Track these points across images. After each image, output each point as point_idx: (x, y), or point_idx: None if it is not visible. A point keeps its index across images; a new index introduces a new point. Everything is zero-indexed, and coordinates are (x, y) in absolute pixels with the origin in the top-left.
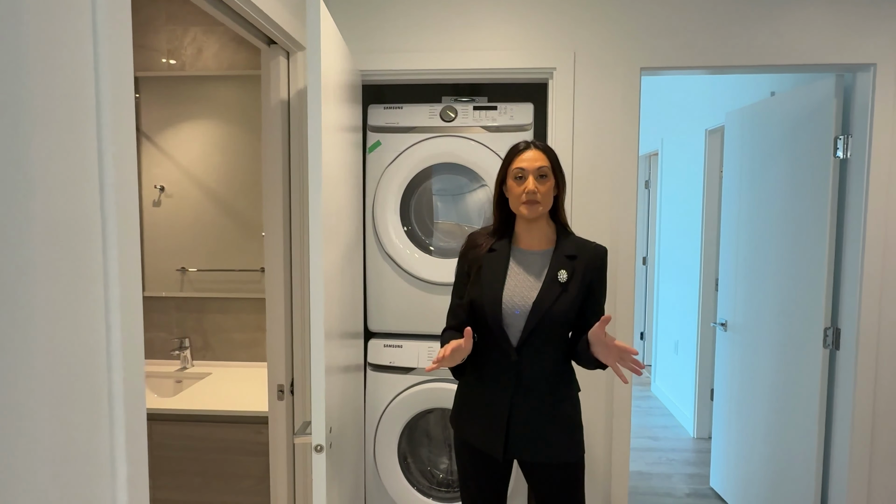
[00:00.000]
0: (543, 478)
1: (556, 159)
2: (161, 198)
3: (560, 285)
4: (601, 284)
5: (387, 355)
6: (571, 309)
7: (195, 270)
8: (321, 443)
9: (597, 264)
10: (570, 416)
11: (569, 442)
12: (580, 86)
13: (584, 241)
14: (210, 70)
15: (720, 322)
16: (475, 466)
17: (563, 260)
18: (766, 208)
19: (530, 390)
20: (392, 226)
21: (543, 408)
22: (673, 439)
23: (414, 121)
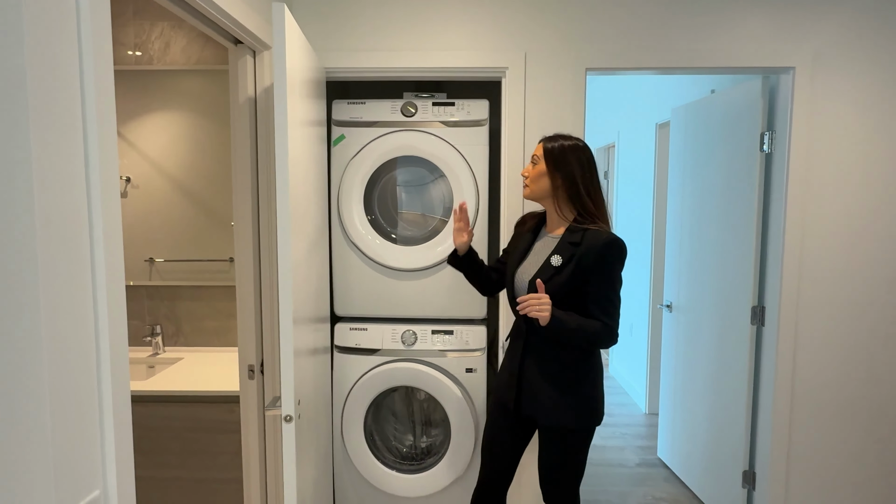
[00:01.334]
0: (545, 438)
1: (550, 150)
2: (128, 189)
3: (553, 268)
4: (600, 274)
5: (353, 338)
6: (562, 291)
7: (163, 261)
8: (290, 413)
9: (595, 253)
10: (573, 387)
11: (569, 410)
12: (531, 84)
13: (596, 231)
14: (178, 64)
15: (666, 304)
16: (495, 415)
17: (565, 245)
18: (706, 197)
19: (537, 355)
20: (356, 215)
21: (548, 374)
22: (627, 416)
23: (376, 115)
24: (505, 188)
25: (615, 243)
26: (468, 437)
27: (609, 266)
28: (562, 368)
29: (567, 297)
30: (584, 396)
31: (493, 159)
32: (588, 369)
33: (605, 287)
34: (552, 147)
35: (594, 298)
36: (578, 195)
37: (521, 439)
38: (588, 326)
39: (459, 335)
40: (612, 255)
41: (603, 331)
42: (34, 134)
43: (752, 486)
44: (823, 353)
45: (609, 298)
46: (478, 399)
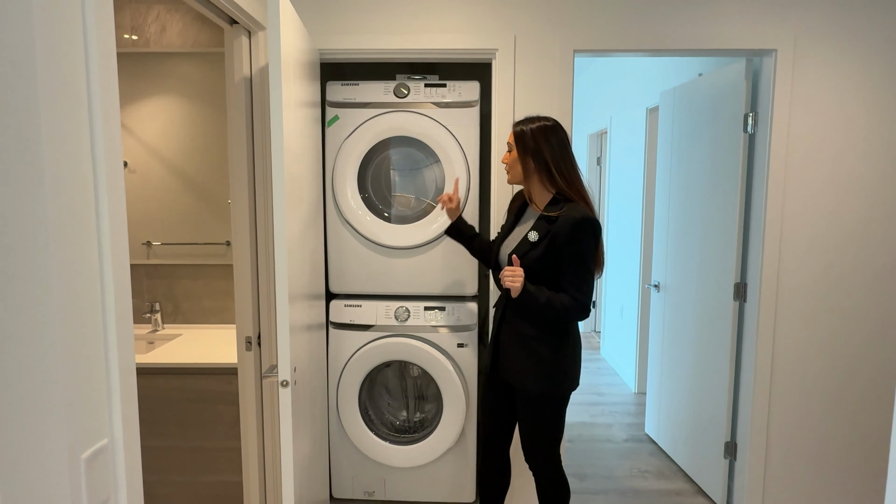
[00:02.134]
0: (519, 402)
1: (522, 135)
2: (125, 174)
3: (530, 244)
4: (571, 251)
5: (347, 314)
6: (539, 266)
7: (160, 244)
8: (286, 378)
9: (565, 230)
10: (541, 353)
11: (534, 374)
12: (520, 66)
13: (571, 209)
14: (174, 47)
15: (653, 284)
16: (486, 381)
17: (541, 222)
18: (692, 179)
19: (512, 323)
20: (350, 194)
21: (519, 340)
22: (616, 395)
23: (370, 97)
24: (495, 169)
25: (586, 221)
26: (459, 410)
27: (580, 243)
28: (533, 336)
29: (542, 271)
30: (552, 363)
31: (485, 140)
32: (560, 339)
33: (576, 263)
34: (520, 132)
35: (565, 273)
36: (551, 175)
37: (510, 400)
38: (557, 300)
39: (451, 311)
40: (583, 232)
41: (572, 305)
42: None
43: (734, 456)
44: (803, 327)
45: (579, 274)
46: (469, 373)
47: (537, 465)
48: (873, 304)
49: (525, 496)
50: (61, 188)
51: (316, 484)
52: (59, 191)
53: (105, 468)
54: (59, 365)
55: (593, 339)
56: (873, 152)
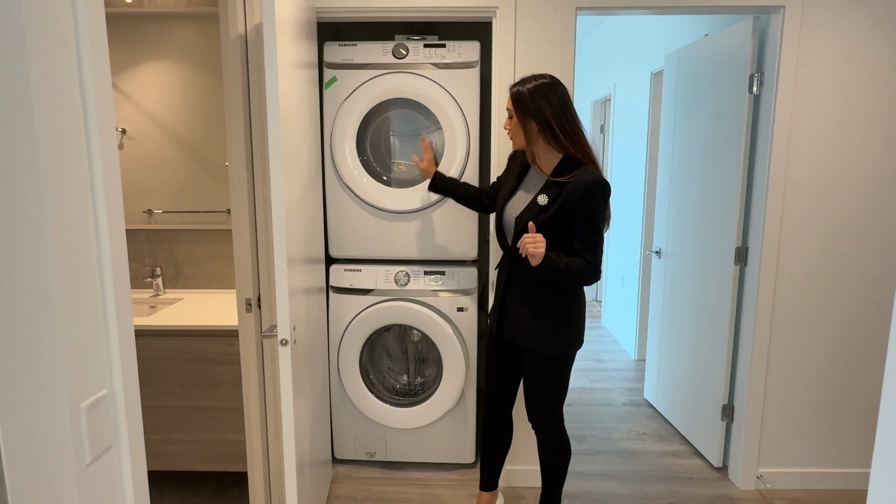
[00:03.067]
0: (525, 361)
1: (518, 98)
2: (123, 141)
3: (539, 207)
4: (582, 214)
5: (347, 278)
6: (548, 229)
7: (161, 212)
8: (286, 337)
9: (577, 193)
10: (549, 314)
11: (543, 334)
12: (521, 24)
13: (582, 172)
14: (169, 7)
15: (654, 250)
16: (489, 342)
17: (551, 185)
18: (694, 143)
19: (519, 285)
20: (349, 157)
21: (526, 301)
22: (616, 361)
23: (368, 58)
24: (496, 131)
25: (598, 184)
26: (459, 373)
27: (592, 206)
28: (539, 296)
29: (552, 234)
30: (559, 322)
31: (485, 102)
32: (566, 299)
33: (589, 227)
34: (517, 93)
35: (578, 237)
36: (555, 136)
37: (513, 361)
38: (574, 265)
39: (451, 276)
40: (595, 195)
41: (587, 268)
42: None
43: (731, 419)
44: (802, 291)
45: (592, 238)
46: (469, 337)
47: (541, 424)
48: (874, 269)
49: (526, 457)
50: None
51: (318, 444)
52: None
53: (106, 417)
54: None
55: (594, 307)
56: (881, 114)
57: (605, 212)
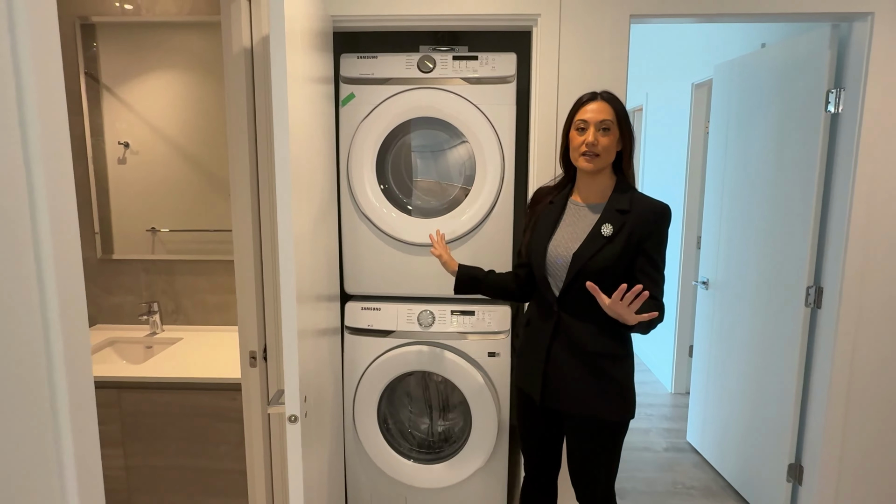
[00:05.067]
0: (575, 432)
1: (622, 111)
2: (126, 155)
3: (603, 238)
4: (654, 244)
5: (364, 318)
6: (614, 264)
7: (167, 231)
8: (295, 413)
9: (649, 220)
10: (609, 373)
11: (603, 400)
12: (566, 34)
13: (644, 197)
14: (170, 15)
15: (701, 280)
16: (523, 409)
17: (613, 214)
18: (753, 164)
19: (569, 340)
20: (368, 184)
21: (579, 360)
22: (651, 395)
23: (390, 71)
24: (534, 154)
25: (667, 210)
26: (490, 426)
27: (663, 237)
28: (597, 353)
29: (616, 270)
30: (619, 384)
31: (521, 122)
32: (624, 354)
33: (659, 259)
34: (619, 110)
35: (646, 270)
36: (630, 159)
37: (556, 427)
38: (656, 310)
39: (481, 316)
40: (664, 224)
41: (659, 310)
42: None
43: (799, 481)
44: (888, 341)
45: (660, 270)
46: (501, 385)
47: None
48: None
49: None
50: None
51: None
52: None
53: None
54: None
55: None
56: None
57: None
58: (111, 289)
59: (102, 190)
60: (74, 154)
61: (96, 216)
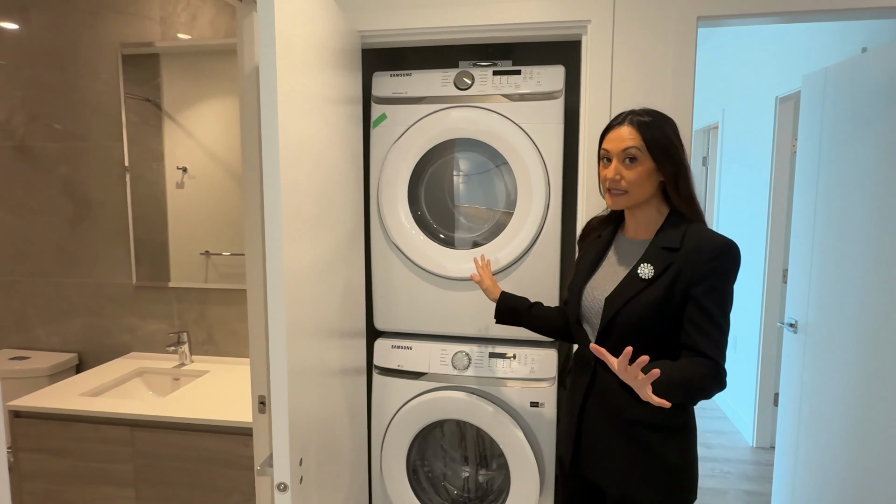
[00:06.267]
0: None
1: (657, 135)
2: (184, 179)
3: (641, 281)
4: (707, 289)
5: (395, 358)
6: (655, 312)
7: (230, 255)
8: (285, 481)
9: (700, 259)
10: (655, 450)
11: (645, 481)
12: (621, 42)
13: (702, 232)
14: (206, 38)
15: (788, 322)
16: (560, 472)
17: (657, 252)
18: (854, 187)
19: (604, 403)
20: (401, 211)
21: (617, 428)
22: (728, 447)
23: (424, 90)
24: (584, 177)
25: (731, 247)
26: (531, 488)
27: (722, 280)
28: (637, 422)
29: (658, 322)
30: (670, 464)
31: (569, 141)
32: (679, 425)
33: (715, 306)
34: (655, 136)
35: (696, 321)
36: (680, 189)
37: (597, 500)
38: (697, 377)
39: (524, 360)
40: (725, 264)
41: (711, 374)
42: None
43: None
44: None
45: (717, 324)
46: (545, 440)
47: None
48: None
49: None
50: None
51: None
52: None
53: None
54: None
55: None
56: None
57: (733, 288)
58: (145, 316)
59: (160, 214)
60: (116, 180)
61: (132, 242)
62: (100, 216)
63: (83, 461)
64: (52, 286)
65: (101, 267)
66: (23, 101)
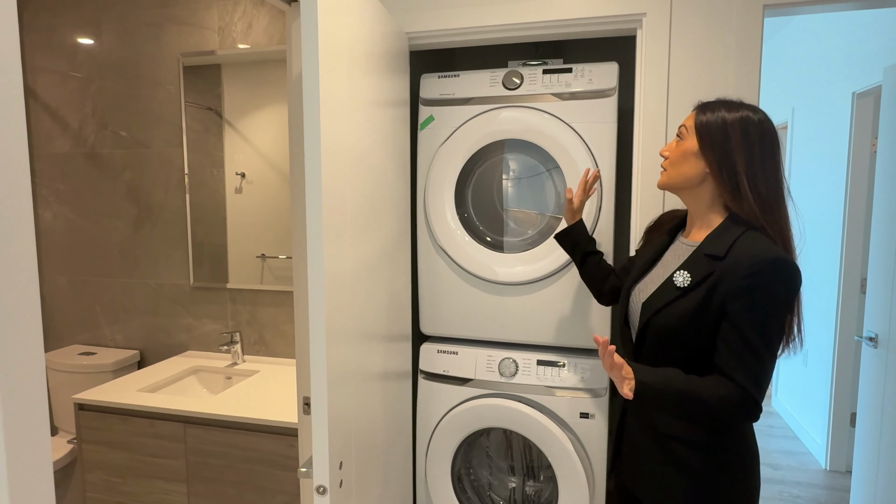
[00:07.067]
0: None
1: (711, 124)
2: (243, 185)
3: (676, 290)
4: (742, 307)
5: (441, 363)
6: (687, 325)
7: (285, 258)
8: (324, 484)
9: (738, 273)
10: (700, 462)
11: (683, 495)
12: (678, 35)
13: (755, 242)
14: (261, 45)
15: (867, 336)
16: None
17: (699, 259)
18: None
19: (642, 412)
20: (448, 214)
21: (653, 441)
22: (798, 470)
23: (472, 91)
24: (638, 180)
25: (779, 263)
26: (580, 502)
27: (763, 297)
28: (675, 434)
29: (692, 336)
30: (716, 484)
31: (622, 142)
32: (730, 443)
33: (751, 328)
34: (708, 119)
35: (729, 340)
36: (738, 190)
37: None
38: (703, 390)
39: (574, 368)
40: (772, 280)
41: (732, 397)
42: None
43: None
44: None
45: (753, 349)
46: (595, 453)
47: None
48: None
49: None
50: None
51: None
52: None
53: None
54: None
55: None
56: None
57: (787, 314)
58: (200, 316)
59: (220, 218)
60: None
61: (190, 244)
62: (160, 220)
63: (139, 455)
64: (117, 286)
65: (160, 268)
66: (94, 110)
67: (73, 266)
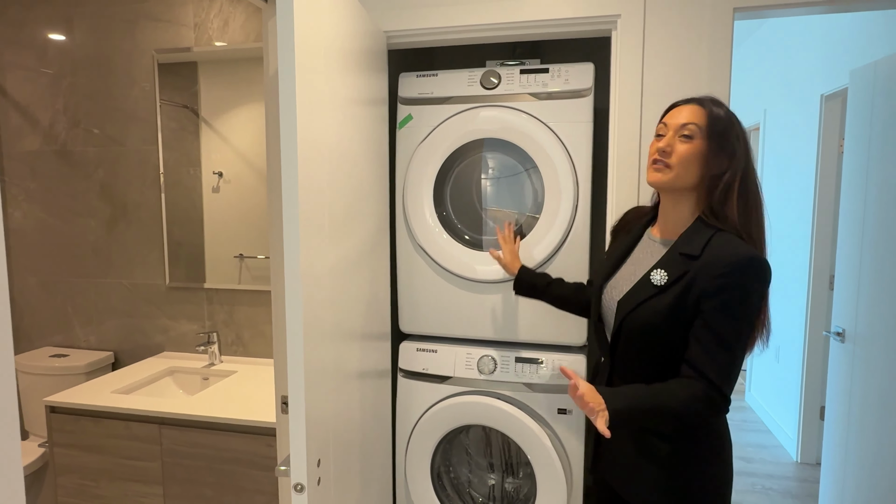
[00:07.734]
0: None
1: (721, 123)
2: (220, 184)
3: (653, 287)
4: (716, 305)
5: (420, 361)
6: (664, 323)
7: (263, 257)
8: (301, 481)
9: (713, 272)
10: (666, 457)
11: (656, 486)
12: (652, 36)
13: (727, 242)
14: (237, 43)
15: (835, 331)
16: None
17: (675, 258)
18: None
19: None
20: (427, 213)
21: (627, 433)
22: (771, 462)
23: (450, 90)
24: (614, 177)
25: (752, 262)
26: (558, 498)
27: (737, 296)
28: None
29: (667, 333)
30: (686, 474)
31: (598, 141)
32: (701, 433)
33: (725, 325)
34: (717, 122)
35: (700, 337)
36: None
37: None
38: (675, 403)
39: (551, 366)
40: (747, 279)
41: (700, 397)
42: None
43: None
44: None
45: (725, 345)
46: (572, 448)
47: None
48: None
49: None
50: None
51: None
52: None
53: None
54: None
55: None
56: None
57: (759, 312)
58: (177, 317)
59: (197, 217)
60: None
61: (166, 244)
62: (135, 219)
63: (113, 457)
64: (90, 286)
65: (135, 268)
66: (65, 107)
67: (44, 266)
